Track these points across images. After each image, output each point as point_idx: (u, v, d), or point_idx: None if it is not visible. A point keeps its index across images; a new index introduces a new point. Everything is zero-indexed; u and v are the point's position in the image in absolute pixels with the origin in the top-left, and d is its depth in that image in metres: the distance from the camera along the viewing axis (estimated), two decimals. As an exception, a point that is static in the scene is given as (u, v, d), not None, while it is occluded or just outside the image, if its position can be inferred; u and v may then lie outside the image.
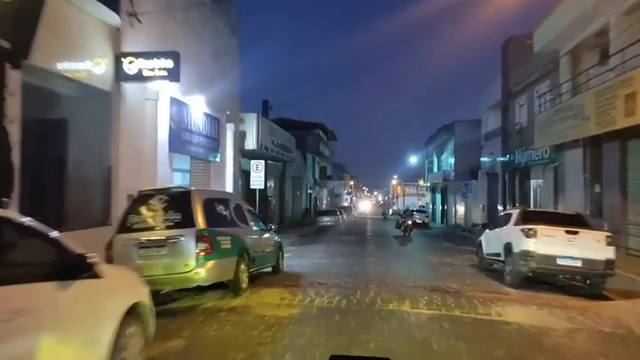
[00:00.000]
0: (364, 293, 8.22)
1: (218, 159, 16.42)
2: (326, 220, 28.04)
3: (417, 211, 41.73)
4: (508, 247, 9.81)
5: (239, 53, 18.33)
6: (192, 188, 7.36)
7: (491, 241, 11.47)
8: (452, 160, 39.91)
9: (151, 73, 9.99)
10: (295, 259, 13.73)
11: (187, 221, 6.76)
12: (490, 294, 8.59)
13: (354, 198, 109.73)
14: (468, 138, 36.03)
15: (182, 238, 6.66)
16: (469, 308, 7.24)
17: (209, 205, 7.25)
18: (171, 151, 12.73)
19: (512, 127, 21.92)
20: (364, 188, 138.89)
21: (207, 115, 15.43)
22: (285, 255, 14.38)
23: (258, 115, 18.97)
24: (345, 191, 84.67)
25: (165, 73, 10.00)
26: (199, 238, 6.67)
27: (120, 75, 10.04)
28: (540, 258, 8.98)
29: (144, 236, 6.74)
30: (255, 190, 23.46)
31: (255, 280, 9.29)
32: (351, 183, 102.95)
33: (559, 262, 8.94)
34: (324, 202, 53.38)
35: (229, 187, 17.44)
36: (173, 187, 7.40)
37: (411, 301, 7.49)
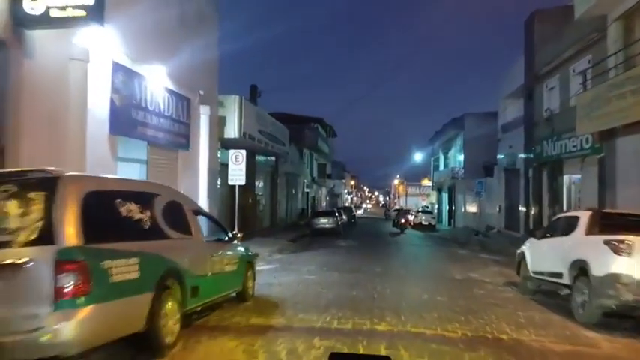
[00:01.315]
0: (370, 346, 5.16)
1: (188, 148, 13.37)
2: (323, 222, 24.93)
3: (422, 211, 38.68)
4: (580, 267, 6.72)
5: (218, 20, 15.25)
6: (67, 173, 4.21)
7: (544, 256, 8.39)
8: (461, 157, 36.84)
9: (63, 14, 6.92)
10: (278, 275, 10.66)
11: (43, 233, 3.72)
12: (568, 345, 5.51)
13: (355, 198, 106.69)
14: (479, 132, 33.04)
15: (28, 265, 3.62)
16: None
17: (99, 204, 4.14)
18: (113, 133, 9.68)
19: (540, 114, 18.83)
20: (365, 188, 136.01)
21: (173, 93, 12.37)
22: (266, 268, 11.36)
23: (240, 97, 15.94)
24: (346, 191, 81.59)
25: (82, 12, 6.94)
26: (61, 264, 3.63)
27: (20, 17, 6.99)
28: (638, 286, 5.91)
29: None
30: (243, 187, 20.45)
31: (203, 315, 6.24)
32: (352, 183, 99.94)
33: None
34: (324, 202, 50.29)
35: (203, 184, 14.38)
36: (32, 171, 4.19)
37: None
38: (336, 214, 26.30)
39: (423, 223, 35.54)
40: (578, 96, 14.16)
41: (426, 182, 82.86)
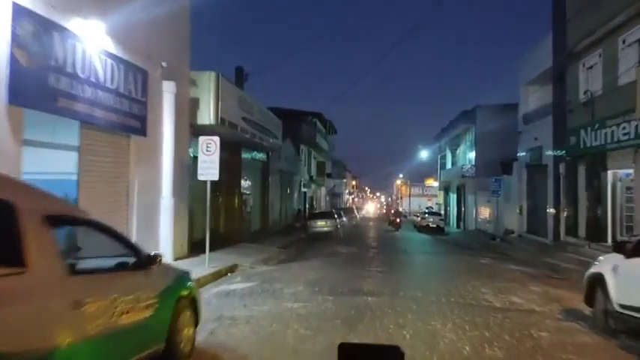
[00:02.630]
0: None
1: (145, 134, 10.53)
2: (320, 224, 22.11)
3: (429, 213, 35.82)
4: None
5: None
6: None
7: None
8: (471, 154, 33.97)
9: None
10: (251, 301, 7.78)
11: None
12: None
13: (357, 199, 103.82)
14: (493, 126, 30.17)
15: None
16: None
17: None
18: (15, 102, 6.85)
19: (575, 99, 15.96)
20: (366, 189, 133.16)
21: (121, 62, 9.54)
22: (240, 288, 8.55)
23: (217, 75, 13.09)
24: (347, 191, 78.70)
25: None
26: None
27: None
28: None
29: None
30: (227, 185, 17.58)
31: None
32: (353, 183, 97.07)
33: None
34: (323, 202, 47.42)
35: (167, 179, 11.56)
36: None
37: None
38: (335, 216, 23.45)
39: (431, 225, 32.69)
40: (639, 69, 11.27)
41: (431, 182, 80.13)
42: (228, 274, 11.32)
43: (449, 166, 42.41)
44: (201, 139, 11.21)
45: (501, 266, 13.81)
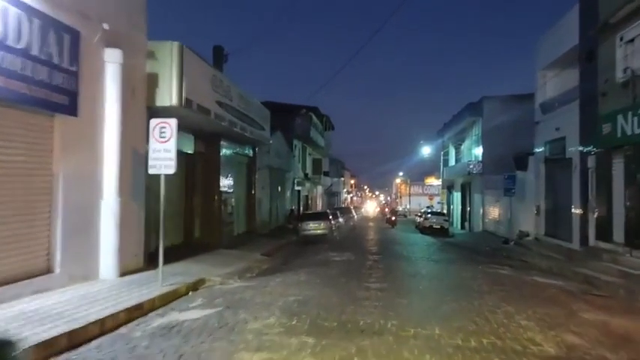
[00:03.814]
0: None
1: (76, 113, 8.11)
2: (313, 227, 19.69)
3: (433, 213, 33.41)
4: None
5: None
6: None
7: None
8: (477, 150, 31.60)
9: None
10: (192, 351, 5.31)
11: None
12: None
13: (355, 198, 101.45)
14: (501, 118, 27.94)
15: None
16: None
17: None
18: None
19: (611, 79, 13.55)
20: (365, 188, 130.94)
21: (34, 13, 7.12)
22: (191, 318, 6.18)
23: (180, 46, 10.63)
24: (345, 190, 76.29)
25: None
26: None
27: None
28: None
29: None
30: (203, 182, 15.25)
31: None
32: (352, 182, 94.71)
33: None
34: (319, 201, 45.00)
35: (111, 173, 9.12)
36: None
37: None
38: (330, 217, 21.00)
39: (434, 226, 30.30)
40: None
41: (432, 180, 77.80)
42: (190, 293, 8.93)
43: (452, 163, 40.04)
44: (153, 122, 8.77)
45: (527, 279, 11.40)
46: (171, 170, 8.78)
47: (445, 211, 38.46)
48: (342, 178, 68.73)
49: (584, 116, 15.20)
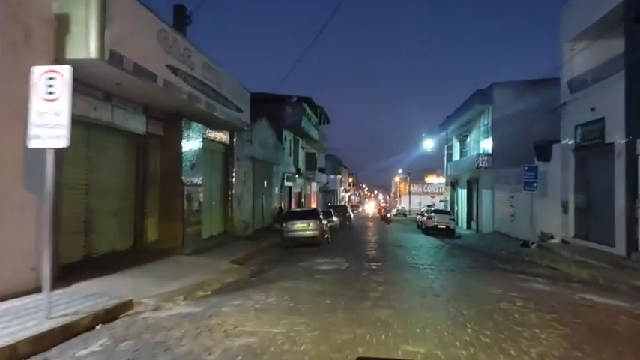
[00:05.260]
0: None
1: None
2: (300, 227, 16.71)
3: (437, 211, 30.44)
4: None
5: None
6: None
7: None
8: (485, 143, 28.67)
9: None
10: None
11: None
12: None
13: (354, 197, 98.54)
14: (514, 106, 25.06)
15: None
16: None
17: None
18: None
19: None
20: (364, 186, 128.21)
21: None
22: None
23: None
24: (342, 188, 73.34)
25: None
26: None
27: None
28: None
29: None
30: (162, 172, 12.40)
31: None
32: (350, 180, 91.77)
33: None
34: (314, 199, 42.04)
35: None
36: None
37: None
38: (320, 216, 17.99)
39: (439, 226, 27.35)
40: None
41: (432, 178, 74.92)
42: (98, 326, 6.02)
43: (457, 156, 37.11)
44: (37, 70, 5.81)
45: (575, 297, 8.45)
46: (63, 143, 5.79)
47: (449, 210, 35.44)
48: (340, 176, 65.79)
49: (631, 91, 12.28)
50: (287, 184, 28.70)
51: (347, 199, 78.20)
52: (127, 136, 11.21)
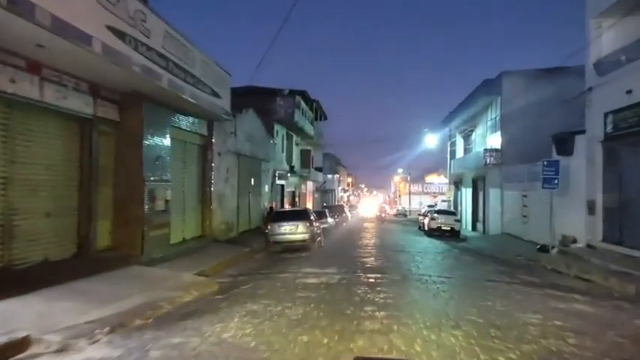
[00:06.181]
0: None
1: None
2: (288, 230, 14.59)
3: (440, 212, 28.29)
4: None
5: None
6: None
7: None
8: (493, 138, 26.55)
9: None
10: None
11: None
12: None
13: (353, 197, 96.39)
14: (525, 98, 22.98)
15: None
16: None
17: None
18: None
19: None
20: (363, 186, 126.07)
21: None
22: None
23: None
24: (341, 188, 71.20)
25: None
26: None
27: None
28: None
29: None
30: (116, 163, 10.36)
31: None
32: (349, 180, 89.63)
33: None
34: (309, 199, 39.90)
35: None
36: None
37: None
38: (311, 217, 15.84)
39: (444, 228, 25.25)
40: None
41: (433, 178, 72.79)
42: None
43: (460, 153, 34.98)
44: None
45: (636, 323, 6.34)
46: None
47: (454, 210, 33.26)
48: (338, 175, 63.64)
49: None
50: (279, 182, 26.56)
51: (346, 199, 76.07)
52: (66, 119, 9.08)
